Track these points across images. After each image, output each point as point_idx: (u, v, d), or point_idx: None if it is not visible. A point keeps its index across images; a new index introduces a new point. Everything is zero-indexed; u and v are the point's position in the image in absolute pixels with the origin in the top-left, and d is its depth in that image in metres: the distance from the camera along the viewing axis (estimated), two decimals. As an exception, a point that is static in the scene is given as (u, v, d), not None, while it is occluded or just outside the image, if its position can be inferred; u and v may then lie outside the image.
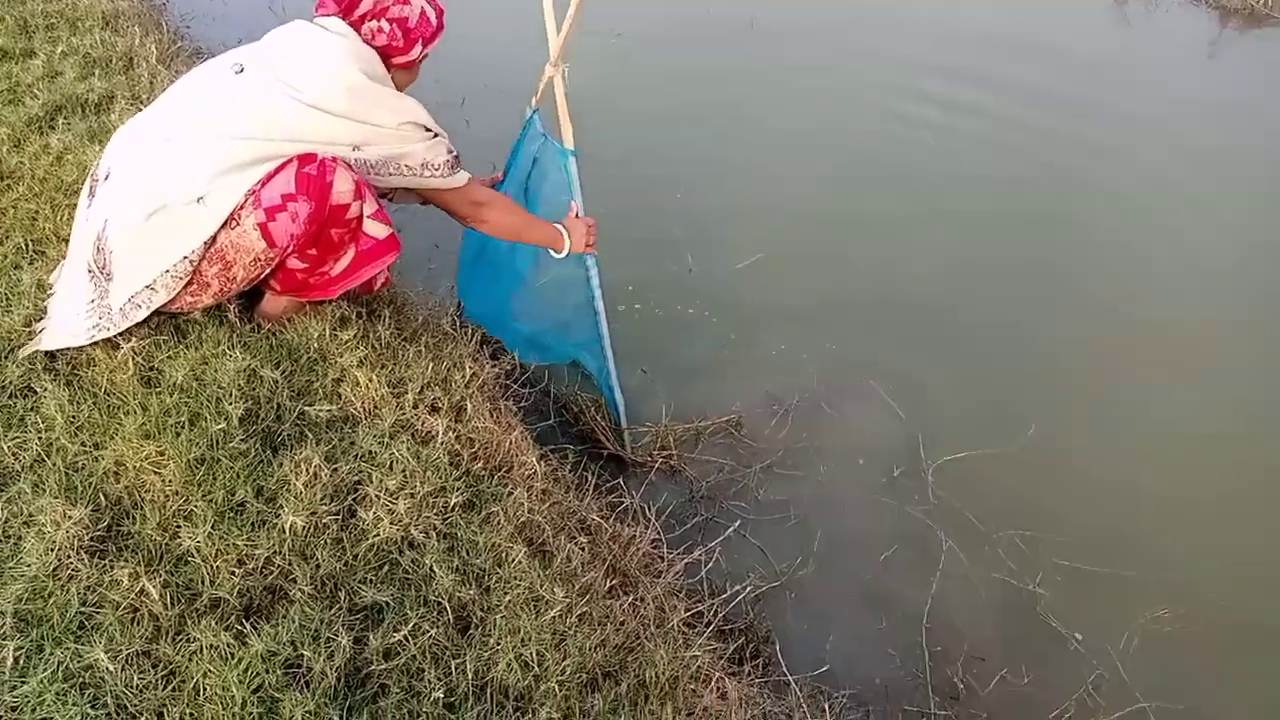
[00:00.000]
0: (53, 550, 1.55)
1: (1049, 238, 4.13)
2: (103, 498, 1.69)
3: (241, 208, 1.83)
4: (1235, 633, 2.50)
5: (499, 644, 1.62)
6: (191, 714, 1.39)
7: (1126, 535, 2.73)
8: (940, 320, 3.54)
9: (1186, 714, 2.26)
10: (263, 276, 1.96)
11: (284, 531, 1.67)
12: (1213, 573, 2.65)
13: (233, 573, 1.61)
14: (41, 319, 2.02)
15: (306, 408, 1.92)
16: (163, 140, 1.87)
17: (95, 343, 1.92)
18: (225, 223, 1.83)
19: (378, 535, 1.72)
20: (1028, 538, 2.66)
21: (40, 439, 1.77)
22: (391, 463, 1.84)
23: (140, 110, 2.07)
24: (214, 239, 1.84)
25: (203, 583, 1.58)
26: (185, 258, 1.85)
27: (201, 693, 1.41)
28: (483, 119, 4.05)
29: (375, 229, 1.99)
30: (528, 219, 2.42)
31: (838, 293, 3.56)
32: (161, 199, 1.81)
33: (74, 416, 1.82)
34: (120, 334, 1.92)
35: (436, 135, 2.05)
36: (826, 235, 3.94)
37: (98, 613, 1.50)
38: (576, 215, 2.52)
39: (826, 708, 1.98)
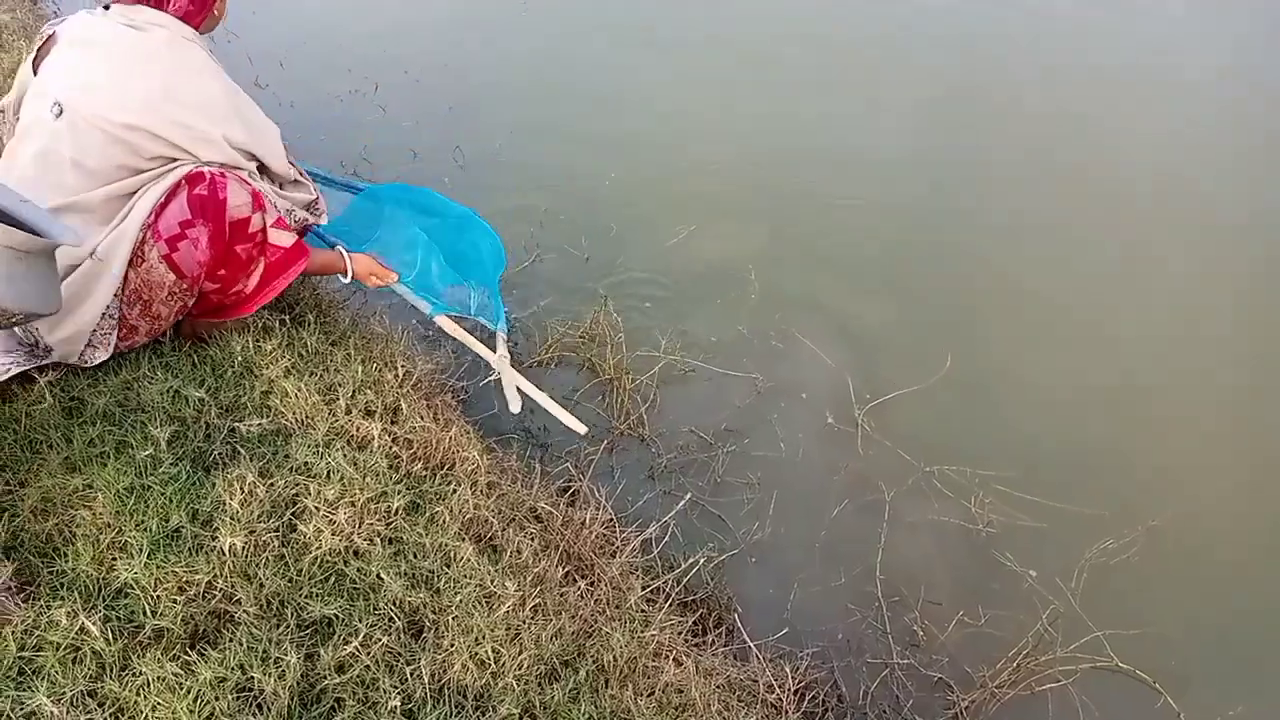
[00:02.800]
0: (-18, 597, 1.51)
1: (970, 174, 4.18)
2: (31, 537, 1.63)
3: (143, 243, 1.80)
4: (1175, 551, 2.58)
5: (453, 645, 1.61)
6: (141, 750, 1.37)
7: (1075, 465, 2.81)
8: (879, 259, 3.58)
9: (1139, 639, 2.32)
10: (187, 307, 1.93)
11: (223, 553, 1.63)
12: (1148, 493, 2.73)
13: (174, 601, 1.57)
14: None
15: (236, 424, 1.87)
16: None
17: (11, 378, 1.86)
18: (131, 261, 1.80)
19: (320, 548, 1.69)
20: (968, 475, 2.70)
21: (-42, 482, 1.71)
22: (329, 472, 1.81)
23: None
24: (125, 280, 1.81)
25: (144, 614, 1.55)
26: (105, 314, 1.84)
27: (150, 727, 1.39)
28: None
29: (280, 238, 1.95)
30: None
31: (771, 250, 3.56)
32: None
33: (-7, 455, 1.77)
34: (35, 368, 1.87)
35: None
36: (754, 190, 3.92)
37: (37, 656, 1.46)
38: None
39: (789, 671, 2.00)
